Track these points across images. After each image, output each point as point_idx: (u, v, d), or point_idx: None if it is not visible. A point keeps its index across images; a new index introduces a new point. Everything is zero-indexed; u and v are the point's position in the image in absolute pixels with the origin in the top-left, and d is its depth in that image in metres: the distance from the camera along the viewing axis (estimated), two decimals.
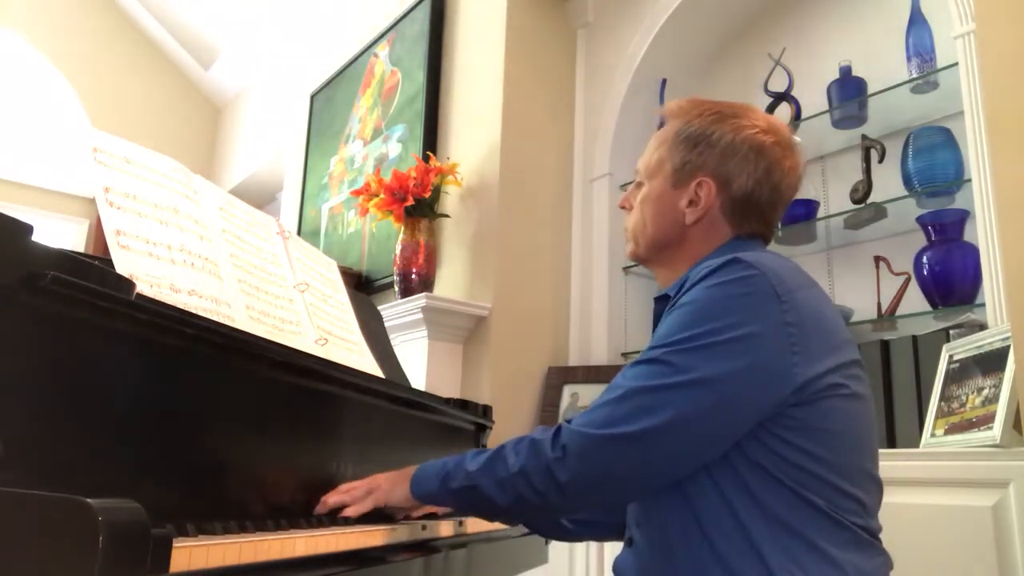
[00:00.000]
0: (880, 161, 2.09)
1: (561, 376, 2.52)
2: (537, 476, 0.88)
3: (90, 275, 0.70)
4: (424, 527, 1.06)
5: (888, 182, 2.08)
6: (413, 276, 2.54)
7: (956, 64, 1.81)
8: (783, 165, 1.03)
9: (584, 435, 0.86)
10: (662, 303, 1.03)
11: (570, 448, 0.86)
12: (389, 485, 1.01)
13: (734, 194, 1.01)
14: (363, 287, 2.96)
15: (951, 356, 1.61)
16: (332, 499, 0.98)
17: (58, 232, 5.04)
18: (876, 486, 0.94)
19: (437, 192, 2.57)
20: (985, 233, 1.66)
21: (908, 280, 2.00)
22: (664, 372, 0.86)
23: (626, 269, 2.62)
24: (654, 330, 1.04)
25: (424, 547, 1.05)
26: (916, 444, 1.61)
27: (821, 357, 0.87)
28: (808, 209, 2.21)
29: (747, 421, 0.85)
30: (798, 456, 0.85)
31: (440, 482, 0.97)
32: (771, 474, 0.85)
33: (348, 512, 0.97)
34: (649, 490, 0.91)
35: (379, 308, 1.85)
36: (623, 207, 1.14)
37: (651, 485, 0.90)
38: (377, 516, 1.01)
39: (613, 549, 1.97)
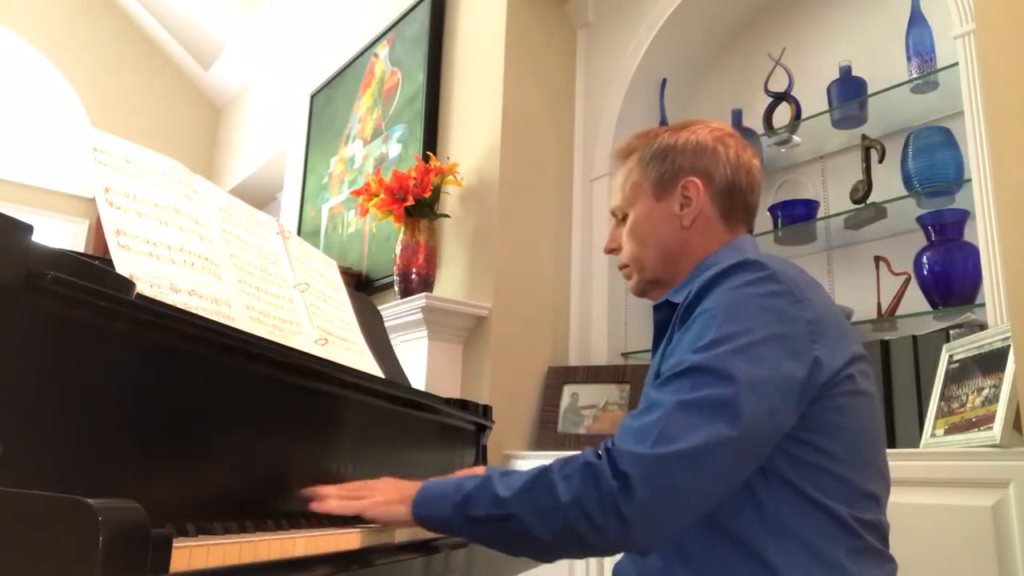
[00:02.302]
0: (880, 161, 2.09)
1: (561, 376, 2.52)
2: (595, 507, 0.78)
3: (90, 275, 0.70)
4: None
5: (888, 182, 2.08)
6: (413, 276, 2.54)
7: (956, 64, 1.81)
8: (746, 154, 1.07)
9: (643, 457, 0.78)
10: (662, 311, 1.03)
11: (633, 475, 0.78)
12: (384, 500, 0.93)
13: (718, 185, 1.04)
14: (363, 287, 2.96)
15: (951, 356, 1.61)
16: (323, 491, 0.94)
17: (58, 232, 5.04)
18: (886, 483, 0.94)
19: (437, 192, 2.57)
20: (985, 233, 1.66)
21: (908, 280, 2.00)
22: (706, 381, 0.81)
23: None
24: (655, 338, 1.04)
25: (424, 547, 1.05)
26: (916, 444, 1.61)
27: (837, 351, 0.88)
28: (808, 209, 2.21)
29: (792, 418, 0.84)
30: (818, 457, 0.85)
31: (455, 508, 0.87)
32: (789, 482, 0.84)
33: (320, 507, 0.92)
34: (709, 510, 0.83)
35: (379, 308, 1.85)
36: (611, 249, 1.13)
37: (714, 503, 0.83)
38: None
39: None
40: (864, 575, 0.84)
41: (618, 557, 1.02)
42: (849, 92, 2.15)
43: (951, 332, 1.70)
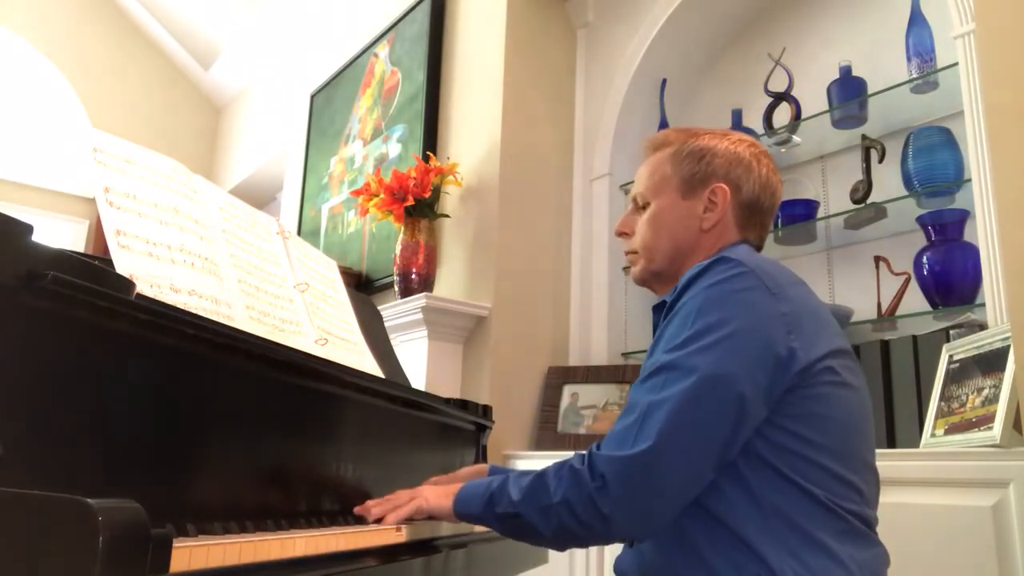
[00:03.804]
0: (880, 161, 2.09)
1: (561, 376, 2.52)
2: (580, 507, 0.87)
3: (90, 275, 0.70)
4: (425, 527, 1.06)
5: (888, 182, 2.08)
6: (413, 276, 2.54)
7: (956, 64, 1.81)
8: (775, 177, 1.10)
9: (616, 459, 0.85)
10: (660, 311, 1.05)
11: (608, 476, 0.85)
12: (434, 498, 1.02)
13: (743, 199, 1.07)
14: (363, 287, 2.96)
15: (951, 356, 1.61)
16: (376, 508, 1.02)
17: (58, 232, 5.04)
18: (873, 476, 0.96)
19: (437, 192, 2.57)
20: (985, 233, 1.66)
21: (908, 280, 2.00)
22: (673, 378, 0.87)
23: (626, 269, 2.62)
24: (654, 338, 1.06)
25: (424, 547, 1.05)
26: (916, 444, 1.61)
27: (816, 342, 0.90)
28: (808, 209, 2.21)
29: (762, 409, 0.87)
30: (796, 443, 0.87)
31: (484, 506, 0.96)
32: (770, 464, 0.87)
33: (388, 519, 0.99)
34: (688, 501, 0.88)
35: (379, 308, 1.85)
36: (623, 233, 1.14)
37: (690, 495, 0.88)
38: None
39: (613, 549, 1.97)
40: (849, 554, 0.86)
41: (618, 552, 1.04)
42: (849, 92, 2.15)
43: (951, 332, 1.70)
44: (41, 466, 0.64)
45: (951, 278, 1.84)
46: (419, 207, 2.54)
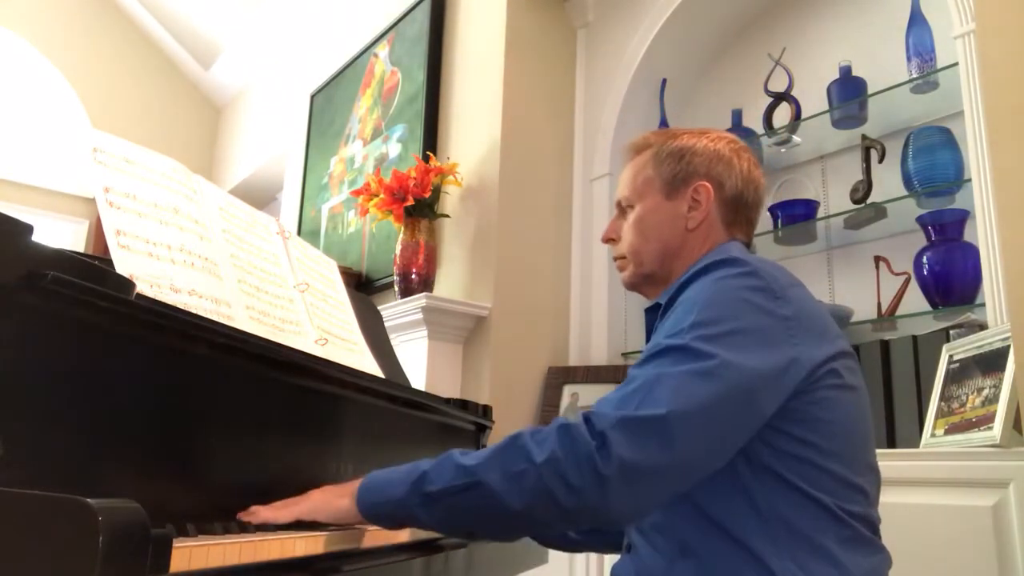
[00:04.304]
0: (880, 161, 2.09)
1: (561, 376, 2.52)
2: (572, 467, 0.76)
3: (90, 275, 0.70)
4: None
5: (888, 182, 2.08)
6: (413, 276, 2.54)
7: (956, 64, 1.81)
8: (757, 171, 1.10)
9: (625, 419, 0.78)
10: (653, 314, 1.04)
11: (611, 435, 0.76)
12: (321, 498, 0.87)
13: (727, 195, 1.06)
14: (363, 287, 2.96)
15: (951, 356, 1.61)
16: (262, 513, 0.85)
17: (58, 232, 5.04)
18: (875, 476, 0.95)
19: (437, 192, 2.57)
20: (985, 233, 1.66)
21: (908, 280, 2.00)
22: (686, 358, 0.83)
23: None
24: (648, 340, 1.05)
25: (425, 547, 1.05)
26: (916, 444, 1.61)
27: (818, 347, 0.90)
28: (808, 209, 2.21)
29: (767, 411, 0.85)
30: (801, 449, 0.86)
31: (411, 487, 0.82)
32: (775, 472, 0.86)
33: (262, 516, 0.84)
34: (682, 489, 0.85)
35: (379, 308, 1.85)
36: (610, 239, 1.13)
37: (689, 477, 0.83)
38: None
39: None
40: (853, 563, 0.85)
41: (616, 558, 1.03)
42: (849, 92, 2.15)
43: (951, 332, 1.70)
44: (41, 466, 0.64)
45: (951, 278, 1.84)
46: (419, 207, 2.54)
